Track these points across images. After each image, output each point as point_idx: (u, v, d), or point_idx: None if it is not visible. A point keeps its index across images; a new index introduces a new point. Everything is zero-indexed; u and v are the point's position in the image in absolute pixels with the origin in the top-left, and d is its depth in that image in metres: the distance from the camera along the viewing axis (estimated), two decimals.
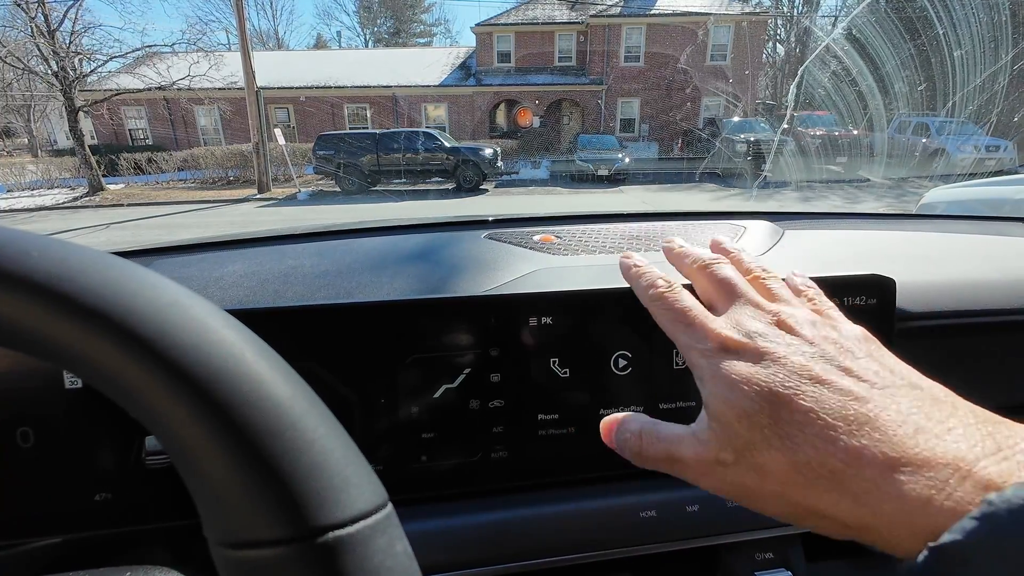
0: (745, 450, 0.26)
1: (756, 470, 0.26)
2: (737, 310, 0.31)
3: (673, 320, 0.32)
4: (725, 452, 0.27)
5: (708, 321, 0.31)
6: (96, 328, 0.18)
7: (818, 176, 10.99)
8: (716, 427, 0.27)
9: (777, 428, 0.25)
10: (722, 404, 0.27)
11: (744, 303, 0.32)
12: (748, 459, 0.26)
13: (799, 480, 0.24)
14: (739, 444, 0.26)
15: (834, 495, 0.23)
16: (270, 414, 0.20)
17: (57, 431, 0.42)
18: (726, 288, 0.33)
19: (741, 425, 0.26)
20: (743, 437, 0.26)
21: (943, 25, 5.06)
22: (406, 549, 0.22)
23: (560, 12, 19.76)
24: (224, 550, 0.20)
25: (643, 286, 0.36)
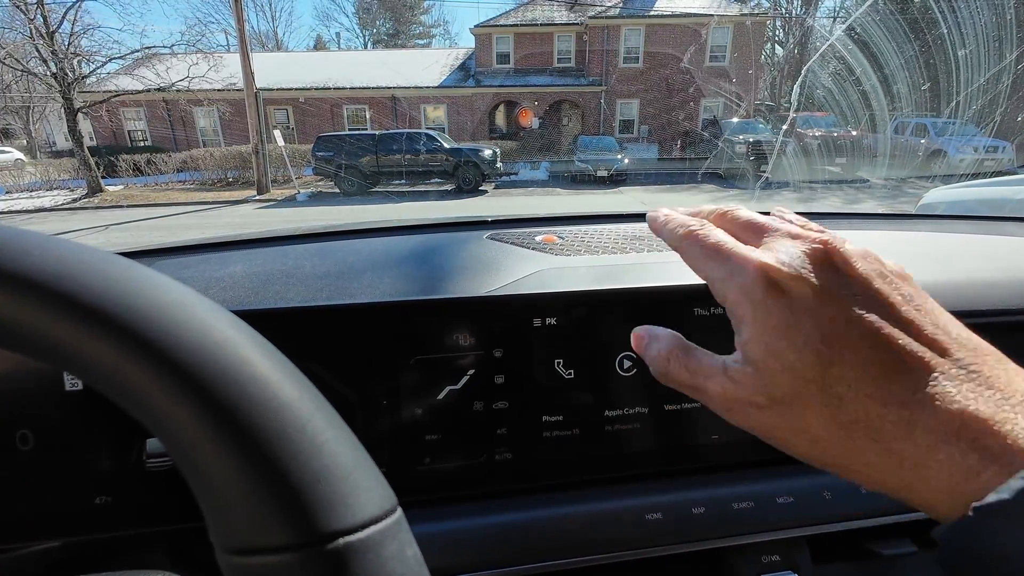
0: (785, 400, 0.24)
1: (794, 419, 0.24)
2: (777, 242, 0.28)
3: (704, 255, 0.29)
4: (759, 396, 0.25)
5: (747, 251, 0.27)
6: (98, 328, 0.18)
7: (817, 177, 11.00)
8: (753, 372, 0.25)
9: (826, 385, 0.23)
10: (764, 352, 0.25)
11: (781, 235, 0.28)
12: (786, 408, 0.24)
13: (842, 438, 0.23)
14: (779, 394, 0.24)
15: (879, 457, 0.23)
16: (277, 416, 0.19)
17: (57, 433, 0.41)
18: (754, 227, 0.30)
19: (784, 377, 0.24)
20: (784, 387, 0.24)
21: (947, 24, 5.06)
22: (416, 554, 0.21)
23: (559, 13, 19.79)
24: (230, 556, 0.19)
25: (671, 229, 0.32)
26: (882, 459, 0.23)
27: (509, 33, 19.66)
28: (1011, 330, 0.61)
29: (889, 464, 0.22)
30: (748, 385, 0.26)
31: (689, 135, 17.56)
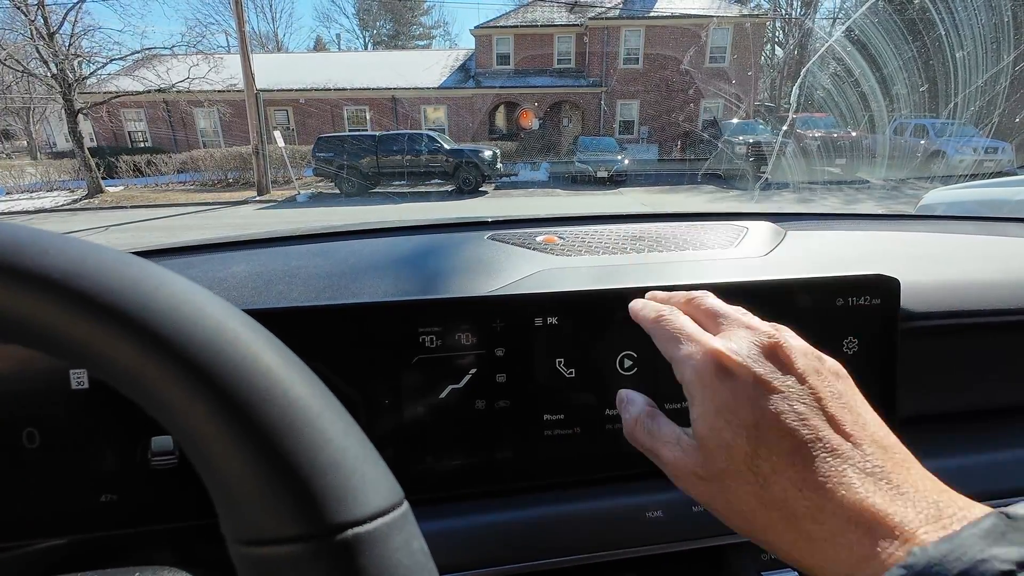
0: (719, 475, 0.28)
1: (725, 494, 0.28)
2: (730, 331, 0.32)
3: (669, 338, 0.33)
4: (700, 469, 0.29)
5: (703, 337, 0.31)
6: (114, 325, 0.18)
7: (817, 178, 11.01)
8: (698, 446, 0.29)
9: (753, 465, 0.27)
10: (707, 429, 0.28)
11: (736, 325, 0.32)
12: (720, 483, 0.28)
13: (763, 513, 0.26)
14: (715, 469, 0.28)
15: (792, 534, 0.25)
16: (288, 411, 0.20)
17: (63, 432, 0.42)
18: (716, 315, 0.34)
19: (720, 453, 0.28)
20: (719, 464, 0.28)
21: (945, 26, 5.07)
22: (423, 547, 0.22)
23: (559, 14, 19.81)
24: (242, 547, 0.19)
25: (645, 314, 0.37)
26: (797, 538, 0.25)
27: (509, 34, 19.67)
28: (1014, 330, 0.62)
29: (803, 544, 0.25)
30: (693, 458, 0.29)
31: (689, 136, 17.58)
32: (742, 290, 0.50)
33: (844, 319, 0.51)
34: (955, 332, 0.60)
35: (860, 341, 0.51)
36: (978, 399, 0.63)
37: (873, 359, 0.52)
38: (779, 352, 0.30)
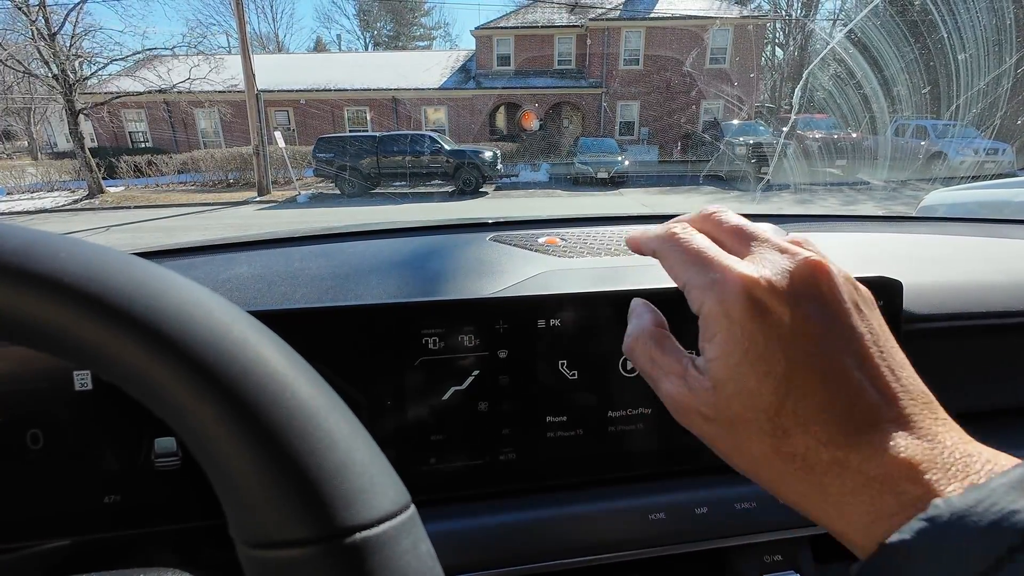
0: (731, 421, 0.25)
1: (736, 439, 0.25)
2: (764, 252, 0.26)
3: (685, 260, 0.27)
4: (707, 408, 0.25)
5: (730, 261, 0.26)
6: (124, 328, 0.18)
7: (818, 179, 11.01)
8: (712, 387, 0.25)
9: (777, 417, 0.24)
10: (728, 373, 0.25)
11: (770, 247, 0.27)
12: (732, 428, 0.25)
13: (777, 465, 0.24)
14: (728, 414, 0.25)
15: (808, 487, 0.23)
16: (296, 414, 0.20)
17: (66, 433, 0.42)
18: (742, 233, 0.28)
19: (738, 400, 0.24)
20: (735, 410, 0.24)
21: (947, 28, 5.07)
22: (430, 550, 0.22)
23: (559, 15, 19.82)
24: (251, 550, 0.19)
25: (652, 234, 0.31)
26: (811, 490, 0.23)
27: (510, 35, 19.69)
28: (1016, 332, 0.62)
29: (816, 496, 0.23)
30: (702, 397, 0.26)
31: (689, 137, 17.57)
32: None
33: None
34: (957, 334, 0.60)
35: None
36: (980, 401, 0.63)
37: None
38: (821, 282, 0.25)
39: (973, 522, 0.19)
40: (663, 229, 0.30)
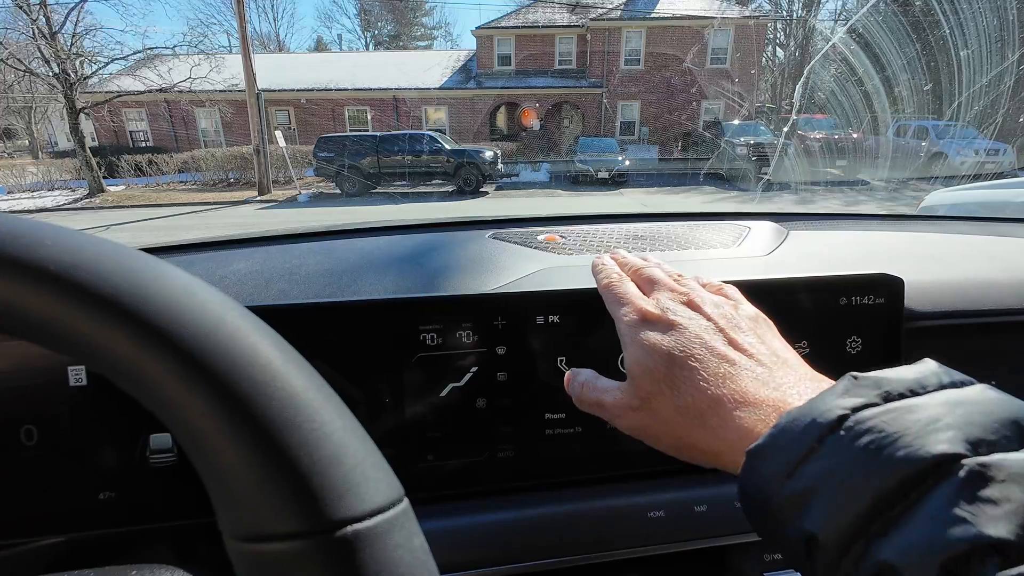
0: (647, 397, 0.34)
1: (652, 412, 0.34)
2: (658, 293, 0.39)
3: (613, 300, 0.40)
4: (634, 400, 0.35)
5: (636, 299, 0.39)
6: (111, 317, 0.18)
7: (818, 179, 11.00)
8: (631, 381, 0.36)
9: (669, 381, 0.33)
10: (635, 364, 0.35)
11: (663, 288, 0.39)
12: (648, 404, 0.34)
13: (679, 419, 0.32)
14: (643, 393, 0.34)
15: (700, 429, 0.31)
16: (287, 406, 0.19)
17: (61, 429, 0.41)
18: (651, 281, 0.41)
19: (646, 379, 0.34)
20: (646, 388, 0.34)
21: (949, 25, 5.05)
22: (423, 544, 0.21)
23: (560, 15, 19.80)
24: (239, 544, 0.19)
25: (600, 278, 0.43)
26: (703, 433, 0.31)
27: (510, 35, 19.67)
28: (1013, 330, 0.61)
29: (708, 436, 0.31)
30: (628, 392, 0.36)
31: (690, 137, 17.55)
32: (745, 289, 0.49)
33: (848, 318, 0.51)
34: (958, 332, 0.60)
35: (864, 340, 0.51)
36: None
37: (877, 358, 0.51)
38: (692, 303, 0.37)
39: (800, 423, 0.25)
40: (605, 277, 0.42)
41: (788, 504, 0.24)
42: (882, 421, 0.23)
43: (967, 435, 0.21)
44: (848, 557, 0.21)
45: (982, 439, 0.21)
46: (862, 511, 0.21)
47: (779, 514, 0.25)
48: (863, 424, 0.23)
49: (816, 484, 0.23)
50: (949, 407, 0.23)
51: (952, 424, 0.22)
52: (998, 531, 0.18)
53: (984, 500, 0.19)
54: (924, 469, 0.21)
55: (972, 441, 0.21)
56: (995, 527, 0.18)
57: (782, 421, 0.26)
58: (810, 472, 0.24)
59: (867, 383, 0.25)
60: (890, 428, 0.23)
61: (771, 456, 0.26)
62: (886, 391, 0.25)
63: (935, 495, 0.20)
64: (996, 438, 0.21)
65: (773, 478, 0.25)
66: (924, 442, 0.21)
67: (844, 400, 0.25)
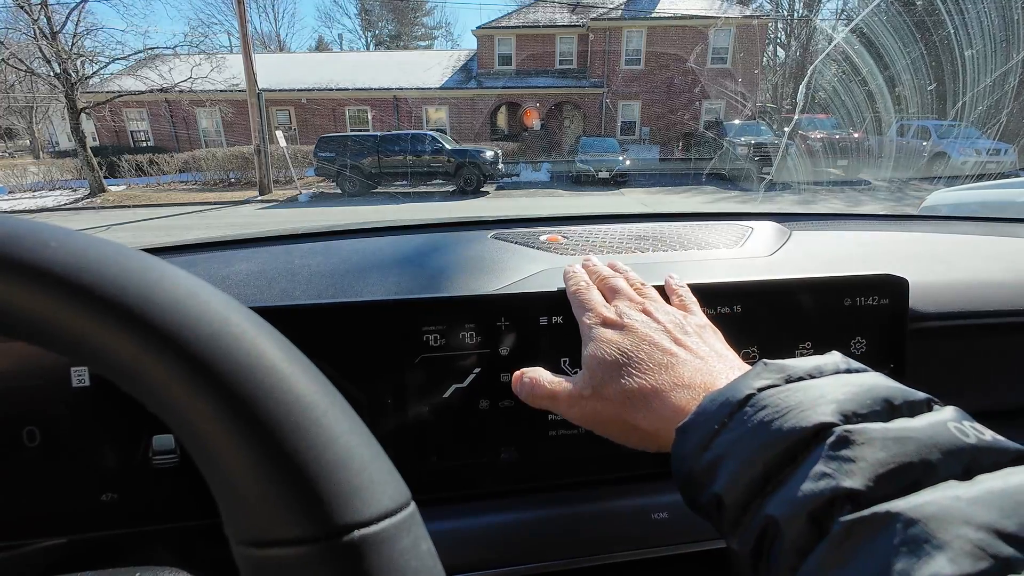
0: (599, 386, 0.37)
1: (603, 399, 0.37)
2: (618, 301, 0.43)
3: (578, 305, 0.44)
4: (586, 389, 0.38)
5: (598, 305, 0.43)
6: (116, 320, 0.18)
7: (820, 179, 10.98)
8: (585, 372, 0.39)
9: (620, 371, 0.37)
10: (591, 356, 0.39)
11: (623, 297, 0.44)
12: (599, 391, 0.37)
13: (626, 403, 0.36)
14: (596, 382, 0.38)
15: (643, 411, 0.35)
16: (293, 409, 0.19)
17: (63, 430, 0.41)
18: (614, 290, 0.45)
19: (599, 369, 0.38)
20: (599, 377, 0.38)
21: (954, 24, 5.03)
22: (430, 548, 0.21)
23: (561, 15, 19.79)
24: (246, 549, 0.19)
25: (569, 285, 0.46)
26: (646, 415, 0.35)
27: (511, 35, 19.66)
28: (1017, 330, 0.61)
29: (648, 416, 0.35)
30: (581, 382, 0.39)
31: (691, 137, 17.54)
32: (750, 290, 0.49)
33: (852, 319, 0.50)
34: (962, 333, 0.60)
35: (868, 341, 0.51)
36: (985, 401, 0.63)
37: (882, 359, 0.51)
38: (646, 310, 0.41)
39: (717, 401, 0.29)
40: (575, 285, 0.46)
41: (703, 472, 0.28)
42: (779, 398, 0.27)
43: (843, 408, 0.25)
44: (747, 514, 0.25)
45: (855, 412, 0.25)
46: (757, 474, 0.25)
47: (697, 481, 0.28)
48: (763, 401, 0.27)
49: (724, 453, 0.27)
50: (836, 387, 0.27)
51: (833, 400, 0.26)
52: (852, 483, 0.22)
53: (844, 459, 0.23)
54: (806, 436, 0.24)
55: (846, 413, 0.25)
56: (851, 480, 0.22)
57: (704, 401, 0.30)
58: (720, 443, 0.27)
59: (774, 368, 0.29)
60: (784, 404, 0.26)
61: (693, 431, 0.29)
62: (788, 374, 0.28)
63: (810, 457, 0.24)
64: (866, 412, 0.25)
65: (694, 450, 0.29)
66: (808, 414, 0.25)
67: (754, 381, 0.28)
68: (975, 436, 0.23)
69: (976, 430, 0.24)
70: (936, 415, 0.25)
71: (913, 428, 0.24)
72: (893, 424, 0.24)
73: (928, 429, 0.24)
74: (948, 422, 0.24)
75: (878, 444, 0.23)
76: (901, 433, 0.23)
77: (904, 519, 0.20)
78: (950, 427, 0.24)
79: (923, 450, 0.22)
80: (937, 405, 0.26)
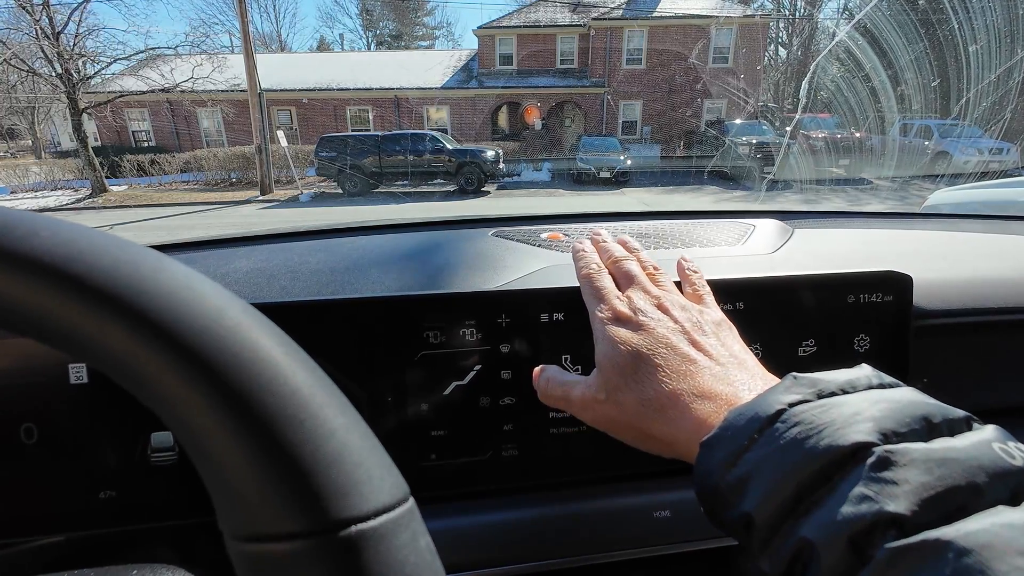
0: (613, 391, 0.36)
1: (617, 405, 0.36)
2: (632, 292, 0.41)
3: (590, 294, 0.41)
4: (600, 392, 0.37)
5: (611, 297, 0.40)
6: (107, 311, 0.17)
7: (821, 178, 10.96)
8: (598, 374, 0.37)
9: (635, 376, 0.35)
10: (604, 358, 0.37)
11: (638, 288, 0.41)
12: (613, 397, 0.36)
13: (641, 411, 0.34)
14: (610, 387, 0.36)
15: (660, 421, 0.34)
16: (289, 402, 0.19)
17: (61, 428, 0.41)
18: (628, 277, 0.42)
19: (613, 373, 0.36)
20: (613, 381, 0.36)
21: (958, 19, 5.01)
22: (429, 544, 0.21)
23: (562, 15, 19.78)
24: (240, 544, 0.18)
25: (579, 267, 0.44)
26: (664, 425, 0.33)
27: (512, 35, 19.65)
28: (1017, 327, 0.61)
29: (668, 428, 0.33)
30: (595, 385, 0.37)
31: (692, 136, 17.52)
32: (754, 286, 0.49)
33: (856, 316, 0.50)
34: (965, 330, 0.59)
35: (872, 339, 0.51)
36: (988, 399, 0.62)
37: (885, 356, 0.51)
38: (662, 306, 0.39)
39: (745, 416, 0.28)
40: (585, 267, 0.43)
41: (730, 489, 0.26)
42: (812, 415, 0.25)
43: (881, 427, 0.24)
44: (779, 535, 0.24)
45: (894, 431, 0.24)
46: (789, 494, 0.24)
47: (723, 498, 0.27)
48: (796, 417, 0.26)
49: (753, 471, 0.26)
50: (871, 403, 0.25)
51: (870, 417, 0.24)
52: (896, 507, 0.21)
53: (887, 481, 0.22)
54: (842, 456, 0.23)
55: (885, 432, 0.24)
56: (894, 504, 0.21)
57: (731, 415, 0.29)
58: (749, 460, 0.26)
59: (805, 382, 0.28)
60: (818, 421, 0.25)
61: (719, 446, 0.28)
62: (820, 389, 0.27)
63: (849, 478, 0.23)
64: (906, 431, 0.24)
65: (720, 466, 0.27)
66: (845, 433, 0.24)
67: (784, 396, 0.27)
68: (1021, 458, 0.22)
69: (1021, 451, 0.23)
70: (978, 434, 0.24)
71: (956, 449, 0.23)
72: (935, 444, 0.23)
73: (972, 450, 0.23)
74: (992, 442, 0.23)
75: (921, 465, 0.22)
76: (945, 454, 0.22)
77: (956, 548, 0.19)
78: (995, 448, 0.23)
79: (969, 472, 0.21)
80: (976, 423, 0.25)
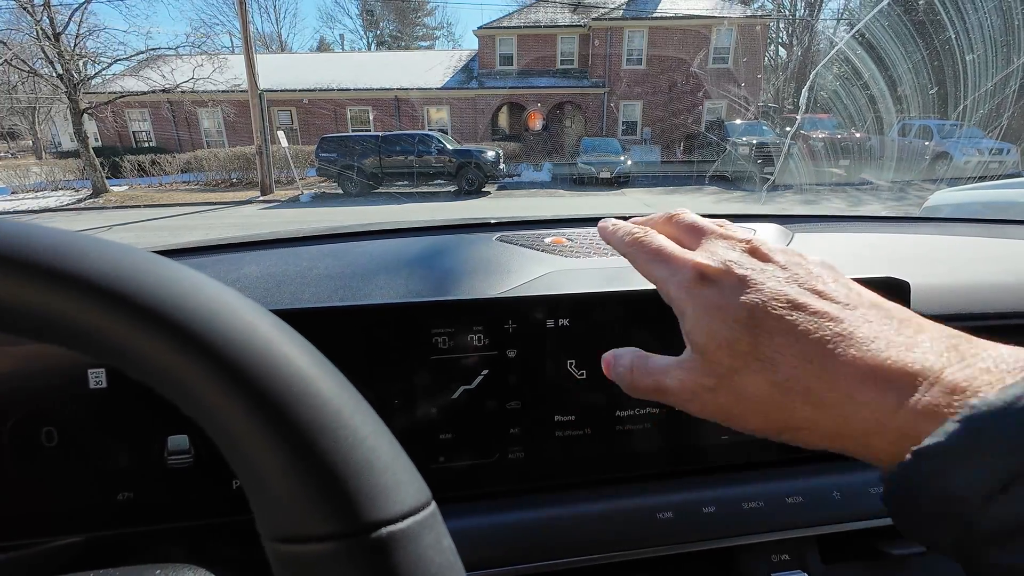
0: (727, 375, 0.27)
1: (737, 393, 0.27)
2: (709, 243, 0.32)
3: (648, 259, 0.33)
4: (707, 379, 0.28)
5: (683, 253, 0.31)
6: (154, 328, 0.19)
7: (822, 179, 10.98)
8: (699, 357, 0.28)
9: (757, 353, 0.26)
10: (703, 335, 0.28)
11: (715, 238, 0.32)
12: (729, 383, 0.27)
13: (778, 397, 0.26)
14: (721, 371, 0.27)
15: (810, 408, 0.25)
16: (322, 412, 0.20)
17: (80, 431, 0.42)
18: (694, 229, 0.34)
19: (722, 353, 0.27)
20: (725, 364, 0.27)
21: (955, 28, 5.04)
22: (451, 545, 0.22)
23: (562, 15, 19.81)
24: (278, 545, 0.20)
25: (619, 237, 0.36)
26: (814, 411, 0.25)
27: (512, 35, 19.68)
28: (1016, 332, 0.62)
29: (820, 415, 0.25)
30: (697, 370, 0.28)
31: (693, 137, 17.53)
32: None
33: None
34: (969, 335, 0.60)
35: None
36: None
37: None
38: (758, 253, 0.30)
39: (1013, 419, 0.19)
40: (627, 234, 0.35)
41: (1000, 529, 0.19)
42: None
43: None
44: None
45: None
46: None
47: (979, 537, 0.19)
48: None
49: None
50: None
51: None
52: None
53: None
54: None
55: None
56: None
57: (975, 415, 0.20)
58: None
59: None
60: None
61: (962, 461, 0.19)
62: None
63: None
64: None
65: (975, 492, 0.19)
66: None
67: None
68: None
69: None
70: None
71: None
72: None
73: None
74: None
75: None
76: None
77: None
78: None
79: None
80: None
